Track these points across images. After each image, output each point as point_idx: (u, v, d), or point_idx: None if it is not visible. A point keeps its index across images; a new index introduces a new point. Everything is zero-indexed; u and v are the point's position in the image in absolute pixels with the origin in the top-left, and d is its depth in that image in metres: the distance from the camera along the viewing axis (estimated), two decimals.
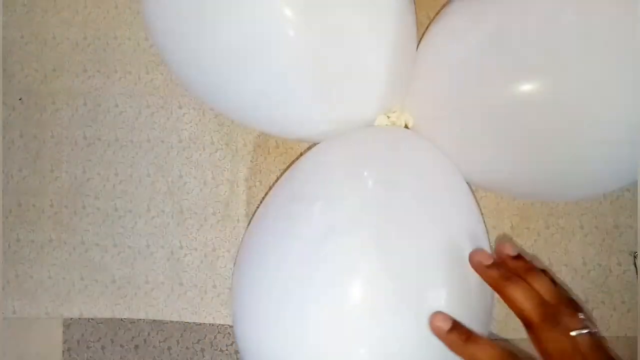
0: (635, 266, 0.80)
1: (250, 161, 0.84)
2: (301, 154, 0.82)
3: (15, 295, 0.84)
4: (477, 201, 0.66)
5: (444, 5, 0.68)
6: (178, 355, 0.84)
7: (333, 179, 0.60)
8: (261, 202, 0.79)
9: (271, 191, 0.69)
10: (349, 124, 0.67)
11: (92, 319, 0.83)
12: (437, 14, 0.67)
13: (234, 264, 0.64)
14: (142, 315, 0.84)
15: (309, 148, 0.77)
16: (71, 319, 0.84)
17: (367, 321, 0.53)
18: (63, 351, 0.83)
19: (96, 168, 0.86)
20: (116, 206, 0.85)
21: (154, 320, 0.84)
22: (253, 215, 0.75)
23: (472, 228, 0.61)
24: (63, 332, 0.84)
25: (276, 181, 0.82)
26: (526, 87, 0.56)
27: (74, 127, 0.87)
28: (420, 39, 0.70)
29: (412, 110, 0.68)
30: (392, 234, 0.55)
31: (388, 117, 0.67)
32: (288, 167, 0.82)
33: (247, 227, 0.65)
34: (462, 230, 0.59)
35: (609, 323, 0.79)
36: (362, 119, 0.67)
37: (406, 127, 0.68)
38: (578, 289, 0.80)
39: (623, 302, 0.79)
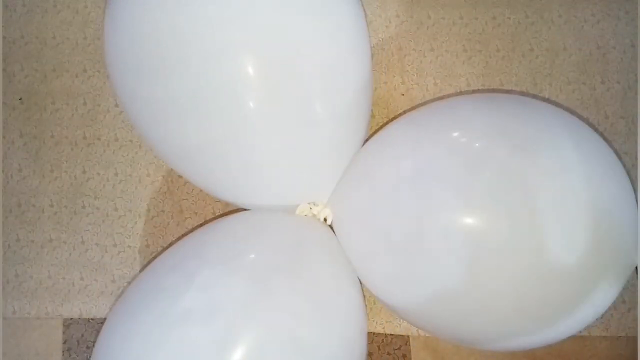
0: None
1: None
2: None
3: (15, 295, 0.84)
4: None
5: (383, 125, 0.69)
6: None
7: (207, 262, 0.59)
8: None
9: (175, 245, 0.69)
10: (273, 205, 0.67)
11: (92, 319, 0.83)
12: (378, 127, 0.68)
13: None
14: None
15: None
16: (71, 319, 0.84)
17: None
18: (63, 351, 0.83)
19: (96, 168, 0.86)
20: (116, 206, 0.85)
21: None
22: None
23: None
24: (63, 332, 0.83)
25: None
26: (434, 225, 0.56)
27: (74, 127, 0.87)
28: (369, 137, 0.70)
29: (333, 208, 0.67)
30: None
31: (310, 208, 0.67)
32: None
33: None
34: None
35: (609, 323, 0.79)
36: (286, 203, 0.67)
37: (326, 220, 0.68)
38: None
39: (623, 301, 0.79)
